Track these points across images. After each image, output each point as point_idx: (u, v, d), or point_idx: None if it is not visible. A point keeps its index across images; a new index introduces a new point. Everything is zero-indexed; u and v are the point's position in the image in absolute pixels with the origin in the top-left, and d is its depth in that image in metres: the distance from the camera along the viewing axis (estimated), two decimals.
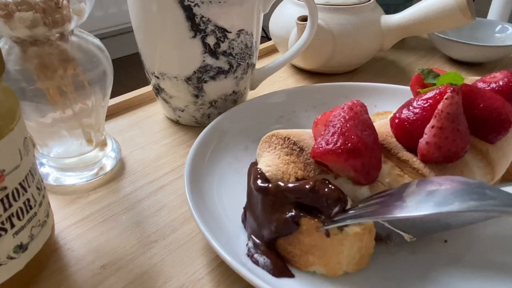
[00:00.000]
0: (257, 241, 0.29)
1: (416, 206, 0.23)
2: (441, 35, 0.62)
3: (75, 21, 0.33)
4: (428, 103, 0.30)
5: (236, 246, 0.30)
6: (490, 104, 0.31)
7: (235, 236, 0.31)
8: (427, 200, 0.24)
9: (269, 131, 0.34)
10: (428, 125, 0.29)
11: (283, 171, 0.29)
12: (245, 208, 0.32)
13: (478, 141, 0.32)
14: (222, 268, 0.30)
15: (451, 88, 0.29)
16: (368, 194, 0.29)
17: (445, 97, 0.29)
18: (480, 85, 0.35)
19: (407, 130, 0.30)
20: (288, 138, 0.31)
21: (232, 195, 0.35)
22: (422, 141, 0.29)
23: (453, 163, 0.30)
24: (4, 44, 0.32)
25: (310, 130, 0.32)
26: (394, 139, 0.31)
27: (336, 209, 0.27)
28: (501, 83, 0.34)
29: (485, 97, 0.31)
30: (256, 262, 0.28)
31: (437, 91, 0.30)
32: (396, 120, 0.31)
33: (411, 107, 0.31)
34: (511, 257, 0.30)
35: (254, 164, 0.32)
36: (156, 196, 0.38)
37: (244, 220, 0.32)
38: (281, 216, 0.28)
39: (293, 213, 0.28)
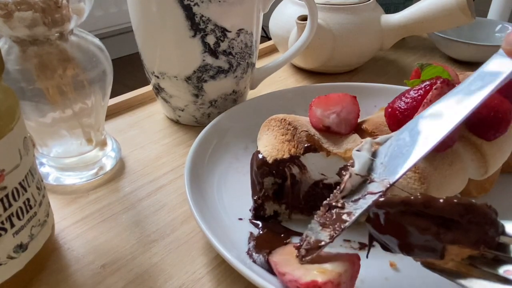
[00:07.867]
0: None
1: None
2: (441, 35, 0.62)
3: (74, 20, 0.33)
4: (419, 94, 0.31)
5: (236, 245, 0.30)
6: (488, 103, 0.31)
7: (236, 235, 0.31)
8: None
9: None
10: (416, 114, 0.29)
11: (278, 148, 0.32)
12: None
13: (473, 136, 0.32)
14: (222, 267, 0.30)
15: (442, 79, 0.30)
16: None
17: (434, 87, 0.30)
18: None
19: (398, 119, 0.31)
20: (284, 120, 0.34)
21: (232, 194, 0.35)
22: None
23: (442, 153, 0.30)
24: (4, 44, 0.32)
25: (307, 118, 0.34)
26: (387, 128, 0.33)
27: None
28: None
29: None
30: (256, 261, 0.28)
31: (428, 83, 0.31)
32: (389, 110, 0.32)
33: (403, 98, 0.32)
34: None
35: (257, 153, 0.33)
36: (156, 196, 0.38)
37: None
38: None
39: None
